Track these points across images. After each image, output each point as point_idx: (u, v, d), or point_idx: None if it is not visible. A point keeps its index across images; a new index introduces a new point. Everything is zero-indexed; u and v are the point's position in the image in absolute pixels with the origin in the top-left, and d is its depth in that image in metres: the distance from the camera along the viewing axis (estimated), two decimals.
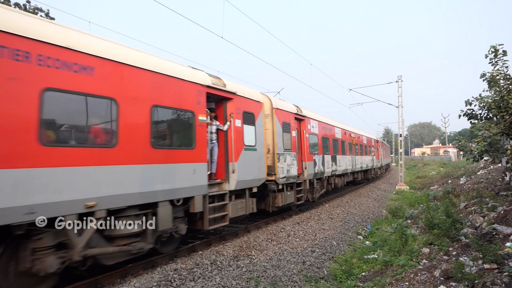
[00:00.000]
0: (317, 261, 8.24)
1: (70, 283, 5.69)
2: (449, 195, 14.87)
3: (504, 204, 9.56)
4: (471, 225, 8.67)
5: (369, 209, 15.94)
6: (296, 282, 6.82)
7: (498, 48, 9.07)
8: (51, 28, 5.05)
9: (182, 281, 5.76)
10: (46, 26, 5.01)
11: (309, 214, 12.41)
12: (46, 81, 4.75)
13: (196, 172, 7.16)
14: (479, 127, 9.58)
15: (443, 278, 5.82)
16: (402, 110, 26.24)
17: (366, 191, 21.18)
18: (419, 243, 8.39)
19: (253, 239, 8.58)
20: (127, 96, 5.86)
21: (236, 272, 6.52)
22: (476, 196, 12.43)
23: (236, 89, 8.94)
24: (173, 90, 6.86)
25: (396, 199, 19.15)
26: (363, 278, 7.30)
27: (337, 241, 10.03)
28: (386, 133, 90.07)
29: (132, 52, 6.25)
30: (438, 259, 6.90)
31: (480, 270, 5.68)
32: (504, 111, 8.78)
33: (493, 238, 6.95)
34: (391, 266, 7.36)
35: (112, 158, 5.55)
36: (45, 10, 18.95)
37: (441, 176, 29.03)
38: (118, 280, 5.91)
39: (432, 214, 9.43)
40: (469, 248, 6.99)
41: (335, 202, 15.80)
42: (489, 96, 9.57)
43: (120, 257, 5.86)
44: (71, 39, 5.17)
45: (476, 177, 19.48)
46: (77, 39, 5.29)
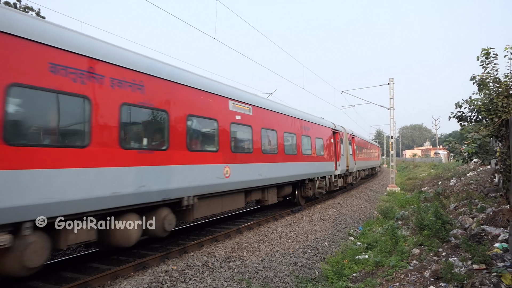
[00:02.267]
0: (309, 262, 8.26)
1: (60, 285, 5.63)
2: (439, 197, 15.01)
3: (493, 205, 9.68)
4: (460, 226, 8.76)
5: (360, 210, 16.02)
6: (287, 283, 6.82)
7: (490, 51, 9.19)
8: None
9: (173, 283, 5.73)
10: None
11: (301, 215, 12.44)
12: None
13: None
14: (469, 129, 9.69)
15: (433, 279, 5.87)
16: (393, 112, 26.50)
17: (357, 193, 21.30)
18: (410, 244, 8.45)
19: (245, 240, 8.56)
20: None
21: (227, 273, 6.50)
22: (465, 197, 12.57)
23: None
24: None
25: (387, 200, 19.27)
26: (354, 279, 7.33)
27: (329, 242, 10.06)
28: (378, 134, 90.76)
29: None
30: (428, 259, 6.97)
31: (469, 270, 5.75)
32: (493, 113, 8.89)
33: (482, 239, 7.03)
34: (382, 267, 7.40)
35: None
36: (36, 9, 18.72)
37: (431, 178, 29.30)
38: (108, 282, 5.83)
39: (422, 215, 9.50)
40: (459, 249, 7.06)
41: (327, 203, 15.84)
42: (478, 99, 9.68)
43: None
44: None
45: (466, 178, 19.70)
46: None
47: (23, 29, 4.64)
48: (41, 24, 5.19)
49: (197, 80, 8.10)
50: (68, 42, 5.22)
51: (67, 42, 5.21)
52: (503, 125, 8.98)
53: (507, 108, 8.68)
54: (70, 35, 5.44)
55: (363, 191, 22.66)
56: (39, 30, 4.90)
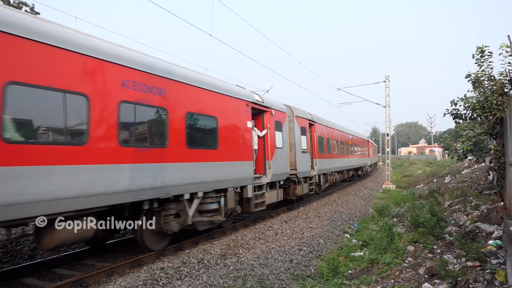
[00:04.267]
0: (304, 259, 8.28)
1: (54, 282, 5.61)
2: (434, 194, 15.09)
3: (487, 202, 9.74)
4: (455, 224, 8.82)
5: (356, 208, 16.09)
6: (283, 280, 6.84)
7: (484, 49, 9.23)
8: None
9: (168, 280, 5.72)
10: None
11: (297, 212, 12.46)
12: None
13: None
14: (463, 127, 9.73)
15: (427, 276, 5.91)
16: (389, 110, 26.54)
17: (353, 190, 21.37)
18: (405, 241, 8.50)
19: (241, 238, 8.56)
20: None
21: (223, 270, 6.51)
22: (460, 195, 12.64)
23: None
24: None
25: (382, 198, 19.37)
26: (350, 276, 7.36)
27: (324, 239, 10.09)
28: (374, 132, 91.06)
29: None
30: (422, 257, 7.01)
31: (463, 267, 5.78)
32: (488, 111, 8.94)
33: (476, 236, 7.07)
34: (377, 264, 7.44)
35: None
36: (30, 5, 18.54)
37: (426, 175, 29.45)
38: (104, 279, 5.82)
39: (417, 212, 9.55)
40: (453, 246, 7.10)
41: (322, 200, 15.88)
42: (473, 97, 9.73)
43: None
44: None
45: (461, 176, 19.81)
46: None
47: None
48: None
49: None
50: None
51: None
52: (497, 123, 9.04)
53: (502, 106, 8.73)
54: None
55: (358, 188, 22.76)
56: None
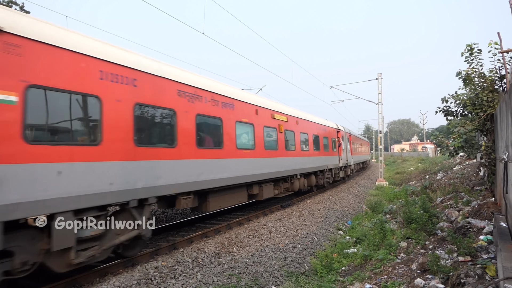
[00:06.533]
0: (298, 256, 8.32)
1: (48, 283, 5.56)
2: (427, 190, 15.26)
3: (478, 198, 9.86)
4: (447, 219, 8.91)
5: (349, 205, 16.18)
6: (277, 278, 6.87)
7: (473, 46, 9.32)
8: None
9: (162, 279, 5.71)
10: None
11: (291, 210, 12.50)
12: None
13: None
14: (455, 123, 9.84)
15: (420, 271, 5.97)
16: (382, 107, 26.70)
17: (347, 187, 21.48)
18: (398, 237, 8.58)
19: (235, 236, 8.57)
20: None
21: (217, 269, 6.51)
22: (452, 191, 12.78)
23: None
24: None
25: (376, 195, 19.52)
26: (343, 272, 7.41)
27: (318, 236, 10.14)
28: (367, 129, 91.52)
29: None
30: (415, 252, 7.08)
31: (455, 262, 5.85)
32: (478, 108, 9.05)
33: (468, 232, 7.15)
34: (370, 260, 7.50)
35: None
36: (19, 4, 18.27)
37: (419, 172, 29.73)
38: (97, 279, 5.79)
39: (410, 209, 9.64)
40: (445, 242, 7.18)
41: (316, 198, 15.94)
42: (464, 94, 9.83)
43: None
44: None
45: (452, 172, 20.03)
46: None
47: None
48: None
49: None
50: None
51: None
52: (488, 119, 9.15)
53: (492, 103, 8.83)
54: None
55: (352, 185, 22.87)
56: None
